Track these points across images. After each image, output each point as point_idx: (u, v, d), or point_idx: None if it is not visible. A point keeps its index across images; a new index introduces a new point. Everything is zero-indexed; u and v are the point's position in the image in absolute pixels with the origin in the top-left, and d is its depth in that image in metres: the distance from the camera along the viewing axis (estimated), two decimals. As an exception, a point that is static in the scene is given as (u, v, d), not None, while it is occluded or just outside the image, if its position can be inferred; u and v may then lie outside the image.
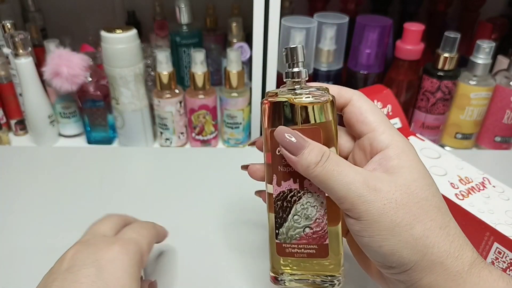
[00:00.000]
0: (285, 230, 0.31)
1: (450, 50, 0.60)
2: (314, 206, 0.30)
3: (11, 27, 0.63)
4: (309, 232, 0.31)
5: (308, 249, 0.31)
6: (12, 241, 0.45)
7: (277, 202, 0.31)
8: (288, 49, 0.30)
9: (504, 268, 0.39)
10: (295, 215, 0.31)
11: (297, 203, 0.31)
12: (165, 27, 0.75)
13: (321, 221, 0.31)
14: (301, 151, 0.27)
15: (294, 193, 0.31)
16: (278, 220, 0.31)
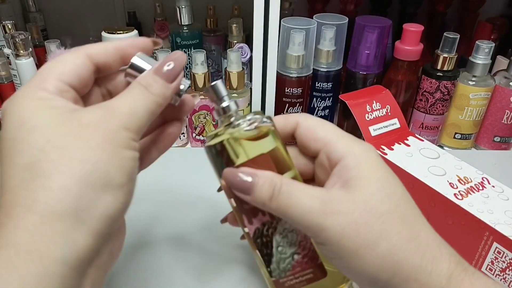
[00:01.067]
0: (276, 265, 0.30)
1: (449, 50, 0.60)
2: (292, 231, 0.29)
3: (11, 27, 0.63)
4: (299, 258, 0.29)
5: (306, 275, 0.30)
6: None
7: (256, 240, 0.30)
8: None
9: (504, 268, 0.39)
10: (278, 246, 0.29)
11: (275, 235, 0.29)
12: (166, 27, 0.75)
13: (305, 243, 0.29)
14: (252, 189, 0.26)
15: (268, 226, 0.29)
16: (266, 258, 0.30)
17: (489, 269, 0.41)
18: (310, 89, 0.63)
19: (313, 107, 0.65)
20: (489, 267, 0.41)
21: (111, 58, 0.27)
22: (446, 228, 0.44)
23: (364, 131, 0.52)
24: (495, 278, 0.40)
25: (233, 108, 0.29)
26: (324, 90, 0.63)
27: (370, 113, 0.53)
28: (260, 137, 0.28)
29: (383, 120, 0.54)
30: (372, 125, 0.53)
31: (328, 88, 0.63)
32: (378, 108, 0.54)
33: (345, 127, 0.67)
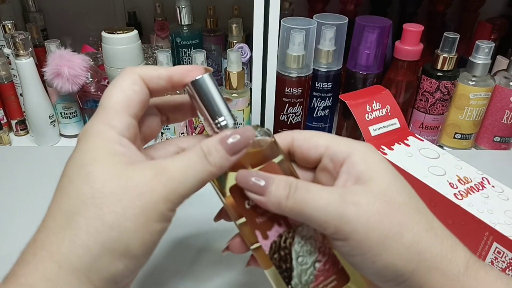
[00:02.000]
0: (298, 280, 0.27)
1: (449, 50, 0.60)
2: (310, 237, 0.27)
3: (11, 27, 0.63)
4: (320, 266, 0.28)
5: (330, 283, 0.28)
6: (12, 241, 0.46)
7: (274, 256, 0.27)
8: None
9: (504, 268, 0.39)
10: (298, 257, 0.27)
11: (293, 245, 0.27)
12: (166, 28, 0.75)
13: (324, 248, 0.28)
14: (267, 189, 0.25)
15: (286, 236, 0.27)
16: (285, 274, 0.27)
17: (489, 269, 0.41)
18: (310, 89, 0.63)
19: (313, 107, 0.65)
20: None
21: (163, 86, 0.27)
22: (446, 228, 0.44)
23: (364, 131, 0.52)
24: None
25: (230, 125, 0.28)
26: (324, 90, 0.63)
27: (370, 113, 0.53)
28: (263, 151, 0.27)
29: (383, 120, 0.54)
30: (372, 125, 0.53)
31: (328, 88, 0.63)
32: (378, 108, 0.54)
33: (345, 127, 0.67)
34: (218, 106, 0.28)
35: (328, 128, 0.67)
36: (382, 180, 0.25)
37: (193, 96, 0.27)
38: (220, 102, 0.28)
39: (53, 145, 0.67)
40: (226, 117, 0.28)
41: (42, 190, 0.54)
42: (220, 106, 0.28)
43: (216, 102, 0.28)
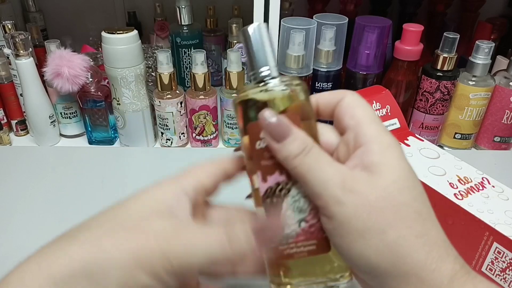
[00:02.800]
0: None
1: (449, 50, 0.60)
2: (306, 197, 0.27)
3: (11, 27, 0.63)
4: (305, 226, 0.28)
5: (308, 245, 0.28)
6: (12, 241, 0.46)
7: (266, 200, 0.28)
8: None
9: (504, 268, 0.39)
10: (287, 210, 0.28)
11: (287, 197, 0.28)
12: (166, 28, 0.75)
13: (315, 212, 0.28)
14: (284, 138, 0.26)
15: (283, 186, 0.28)
16: None
17: (489, 269, 0.41)
18: (310, 89, 0.63)
19: (313, 107, 0.65)
20: (489, 267, 0.41)
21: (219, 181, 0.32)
22: (446, 228, 0.44)
23: (364, 131, 0.52)
24: (495, 278, 0.40)
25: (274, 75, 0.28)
26: (324, 90, 0.63)
27: (370, 113, 0.53)
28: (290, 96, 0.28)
29: (383, 120, 0.54)
30: (372, 125, 0.53)
31: (328, 88, 0.63)
32: (378, 108, 0.54)
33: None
34: (266, 56, 0.28)
35: (328, 128, 0.67)
36: (389, 175, 0.25)
37: (244, 43, 0.28)
38: (269, 53, 0.28)
39: (53, 145, 0.67)
40: (271, 68, 0.28)
41: (42, 190, 0.54)
42: (267, 57, 0.28)
43: (265, 52, 0.28)
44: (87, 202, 0.51)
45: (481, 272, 0.41)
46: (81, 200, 0.52)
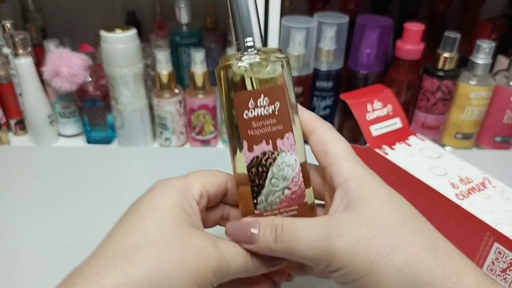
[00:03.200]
0: (264, 197, 0.29)
1: (450, 50, 0.60)
2: (289, 166, 0.29)
3: (11, 27, 0.63)
4: (288, 193, 0.29)
5: (290, 211, 0.29)
6: (12, 241, 0.45)
7: (251, 169, 0.29)
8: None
9: (504, 268, 0.39)
10: (272, 178, 0.29)
11: (272, 166, 0.29)
12: (165, 26, 0.75)
13: (297, 180, 0.29)
14: (254, 237, 0.27)
15: (268, 155, 0.29)
16: (255, 188, 0.29)
17: (489, 270, 0.40)
18: (311, 88, 0.63)
19: (313, 107, 0.65)
20: (490, 268, 0.40)
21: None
22: (447, 228, 0.44)
23: (365, 131, 0.52)
24: (495, 278, 0.40)
25: (257, 46, 0.29)
26: (324, 89, 0.63)
27: (371, 112, 0.53)
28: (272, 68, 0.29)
29: (384, 120, 0.54)
30: (373, 124, 0.53)
31: (329, 87, 0.63)
32: (379, 107, 0.54)
33: (345, 127, 0.66)
34: (251, 26, 0.29)
35: (328, 128, 0.67)
36: (371, 204, 0.25)
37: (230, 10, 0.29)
38: (254, 23, 0.29)
39: (51, 145, 0.66)
40: (254, 39, 0.29)
41: (41, 190, 0.54)
42: (252, 27, 0.29)
43: (250, 22, 0.29)
44: (85, 202, 0.51)
45: None
46: (79, 199, 0.52)
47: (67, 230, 0.47)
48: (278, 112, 0.29)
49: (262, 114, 0.28)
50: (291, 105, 0.29)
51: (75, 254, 0.43)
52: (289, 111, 0.29)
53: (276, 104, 0.28)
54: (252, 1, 0.29)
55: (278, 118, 0.29)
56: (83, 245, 0.44)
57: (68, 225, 0.48)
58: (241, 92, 0.28)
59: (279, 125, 0.29)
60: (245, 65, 0.28)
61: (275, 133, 0.29)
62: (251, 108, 0.28)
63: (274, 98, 0.28)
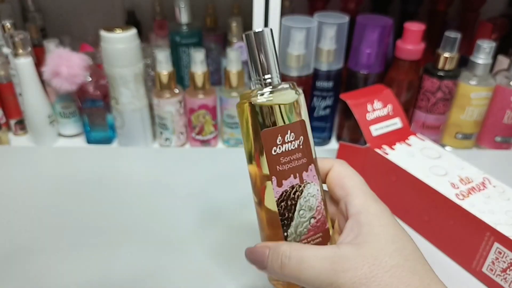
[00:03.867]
0: (294, 229, 0.30)
1: (450, 50, 0.60)
2: (313, 196, 0.31)
3: (10, 27, 0.63)
4: (314, 222, 0.31)
5: (316, 239, 0.31)
6: (11, 241, 0.45)
7: (281, 203, 0.30)
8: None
9: (505, 268, 0.39)
10: (300, 210, 0.30)
11: (300, 198, 0.30)
12: (165, 26, 0.75)
13: (320, 208, 0.31)
14: (265, 262, 0.29)
15: (296, 189, 0.30)
16: (285, 221, 0.30)
17: (489, 269, 0.40)
18: (311, 89, 0.63)
19: (313, 107, 0.65)
20: (490, 267, 0.40)
21: None
22: (447, 228, 0.44)
23: (365, 131, 0.52)
24: (495, 278, 0.40)
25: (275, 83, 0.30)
26: (324, 89, 0.63)
27: (371, 112, 0.53)
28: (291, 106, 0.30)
29: (384, 120, 0.54)
30: (373, 124, 0.53)
31: (329, 87, 0.63)
32: (379, 107, 0.54)
33: (346, 127, 0.66)
34: (270, 64, 0.30)
35: (328, 128, 0.67)
36: (376, 243, 0.27)
37: (247, 47, 0.30)
38: (273, 61, 0.30)
39: (51, 145, 0.66)
40: (273, 76, 0.30)
41: (41, 190, 0.54)
42: (271, 64, 0.30)
43: (268, 58, 0.29)
44: (85, 202, 0.51)
45: (481, 272, 0.41)
46: (79, 199, 0.52)
47: (67, 230, 0.47)
48: (303, 146, 0.30)
49: (289, 149, 0.30)
50: (311, 138, 0.31)
51: (75, 254, 0.43)
52: (310, 144, 0.31)
53: (300, 138, 0.30)
54: (271, 40, 0.29)
55: (303, 152, 0.30)
56: (83, 245, 0.45)
57: (68, 225, 0.48)
58: (269, 128, 0.29)
59: (304, 158, 0.30)
60: (269, 97, 0.29)
61: (301, 166, 0.30)
62: (279, 144, 0.29)
63: (298, 133, 0.30)
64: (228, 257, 0.44)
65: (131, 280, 0.41)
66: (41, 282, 0.40)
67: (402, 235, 0.28)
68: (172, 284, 0.41)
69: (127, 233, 0.46)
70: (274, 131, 0.29)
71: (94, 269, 0.42)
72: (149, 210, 0.50)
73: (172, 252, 0.44)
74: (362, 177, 0.32)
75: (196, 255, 0.44)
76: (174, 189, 0.54)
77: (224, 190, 0.54)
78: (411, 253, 0.28)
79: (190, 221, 0.49)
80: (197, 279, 0.41)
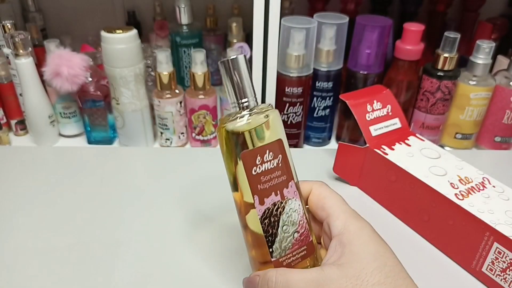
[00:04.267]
0: (279, 244, 0.32)
1: (450, 50, 0.60)
2: (295, 211, 0.32)
3: (11, 27, 0.63)
4: (298, 236, 0.32)
5: (301, 252, 0.32)
6: (12, 241, 0.45)
7: (264, 221, 0.31)
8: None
9: (504, 268, 0.39)
10: (283, 225, 0.32)
11: (282, 214, 0.31)
12: (165, 27, 0.75)
13: (303, 222, 0.32)
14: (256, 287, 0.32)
15: (278, 205, 0.31)
16: (270, 238, 0.31)
17: (489, 269, 0.41)
18: (311, 89, 0.63)
19: (313, 107, 0.65)
20: (490, 267, 0.40)
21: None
22: (446, 228, 0.44)
23: (365, 131, 0.52)
24: (495, 278, 0.40)
25: (251, 105, 0.31)
26: (324, 89, 0.63)
27: (370, 113, 0.53)
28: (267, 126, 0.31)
29: (384, 120, 0.54)
30: (373, 125, 0.53)
31: (329, 87, 0.63)
32: (378, 108, 0.54)
33: (345, 127, 0.66)
34: (245, 87, 0.31)
35: (328, 128, 0.67)
36: (358, 263, 0.29)
37: (224, 73, 0.31)
38: (248, 84, 0.31)
39: (52, 145, 0.66)
40: (249, 99, 0.31)
41: (41, 190, 0.54)
42: (246, 88, 0.31)
43: (244, 83, 0.31)
44: (86, 202, 0.51)
45: (481, 272, 0.41)
46: (80, 200, 0.52)
47: (68, 230, 0.47)
48: (281, 164, 0.31)
49: (269, 168, 0.31)
50: (289, 155, 0.32)
51: (76, 254, 0.44)
52: (288, 161, 0.32)
53: (279, 157, 0.31)
54: (245, 67, 0.31)
55: (282, 169, 0.31)
56: (84, 245, 0.45)
57: (69, 225, 0.48)
58: (248, 150, 0.30)
59: (283, 176, 0.31)
60: (244, 123, 0.30)
61: (281, 184, 0.31)
62: (258, 164, 0.30)
63: (277, 152, 0.31)
64: (228, 257, 0.44)
65: (131, 280, 0.41)
66: (42, 282, 0.40)
67: (383, 251, 0.30)
68: (172, 284, 0.41)
69: (127, 233, 0.46)
70: (253, 152, 0.30)
71: (94, 269, 0.42)
72: (149, 210, 0.50)
73: (172, 251, 0.44)
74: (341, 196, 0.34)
75: (196, 255, 0.44)
76: (174, 189, 0.54)
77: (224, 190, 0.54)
78: (392, 269, 0.29)
79: (191, 221, 0.49)
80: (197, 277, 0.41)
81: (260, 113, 0.31)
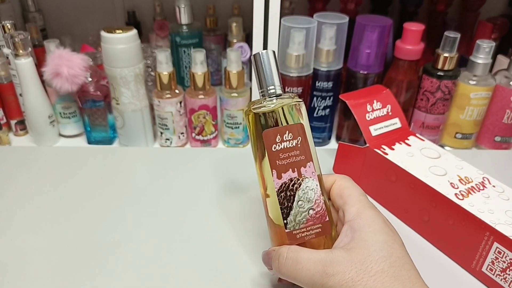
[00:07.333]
0: (293, 217, 0.34)
1: (450, 50, 0.60)
2: (312, 189, 0.34)
3: (11, 27, 0.63)
4: (313, 213, 0.34)
5: (315, 229, 0.34)
6: (12, 241, 0.45)
7: (281, 194, 0.34)
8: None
9: (504, 268, 0.39)
10: (299, 201, 0.34)
11: (298, 190, 0.34)
12: (165, 27, 0.75)
13: (319, 201, 0.35)
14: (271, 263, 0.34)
15: (295, 181, 0.34)
16: (285, 210, 0.34)
17: (489, 269, 0.41)
18: (310, 89, 0.63)
19: (313, 107, 0.65)
20: (490, 267, 0.40)
21: None
22: (447, 228, 0.44)
23: (365, 131, 0.52)
24: (495, 278, 0.40)
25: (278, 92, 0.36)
26: (324, 89, 0.63)
27: (370, 112, 0.53)
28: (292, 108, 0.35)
29: (383, 120, 0.54)
30: (373, 124, 0.53)
31: (329, 87, 0.63)
32: (378, 107, 0.54)
33: (345, 127, 0.66)
34: (273, 77, 0.36)
35: (328, 128, 0.67)
36: (365, 250, 0.30)
37: (255, 65, 0.36)
38: (275, 75, 0.36)
39: (52, 145, 0.66)
40: (276, 87, 0.36)
41: (41, 190, 0.54)
42: (274, 77, 0.36)
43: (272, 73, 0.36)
44: (86, 202, 0.51)
45: (481, 272, 0.41)
46: (80, 200, 0.52)
47: (68, 230, 0.47)
48: (300, 145, 0.34)
49: (288, 147, 0.34)
50: (310, 141, 0.35)
51: (76, 254, 0.44)
52: (309, 145, 0.35)
53: (298, 138, 0.34)
54: (273, 57, 0.36)
55: (301, 150, 0.34)
56: (84, 245, 0.45)
57: (68, 225, 0.48)
58: (269, 129, 0.34)
59: (301, 156, 0.34)
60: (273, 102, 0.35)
61: (299, 162, 0.34)
62: (278, 142, 0.34)
63: (296, 134, 0.34)
64: (228, 256, 0.44)
65: (131, 280, 0.41)
66: (42, 282, 0.40)
67: (392, 242, 0.31)
68: (172, 283, 0.41)
69: (128, 233, 0.46)
70: (274, 131, 0.34)
71: (94, 269, 0.42)
72: (149, 210, 0.50)
73: (172, 251, 0.44)
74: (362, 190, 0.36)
75: (196, 254, 0.44)
76: (174, 189, 0.54)
77: (225, 190, 0.54)
78: (397, 260, 0.30)
79: (191, 221, 0.49)
80: (198, 277, 0.41)
81: (289, 98, 0.35)
